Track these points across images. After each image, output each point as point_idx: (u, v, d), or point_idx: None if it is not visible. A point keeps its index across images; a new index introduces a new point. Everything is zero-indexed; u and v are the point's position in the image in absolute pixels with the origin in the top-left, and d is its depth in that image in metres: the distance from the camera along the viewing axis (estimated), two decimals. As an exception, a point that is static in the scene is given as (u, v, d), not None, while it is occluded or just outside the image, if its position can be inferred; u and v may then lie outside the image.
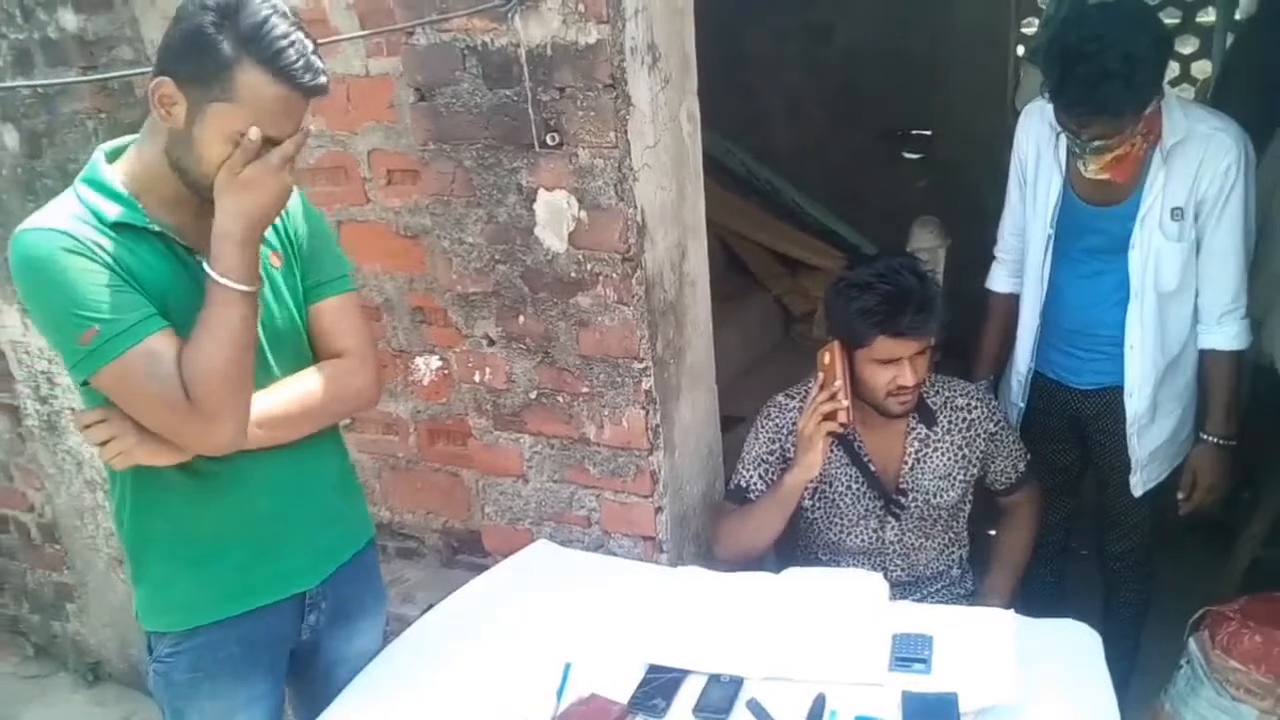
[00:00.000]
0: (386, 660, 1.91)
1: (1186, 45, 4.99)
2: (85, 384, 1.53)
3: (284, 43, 1.45)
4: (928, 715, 1.58)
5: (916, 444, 2.20)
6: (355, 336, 1.76)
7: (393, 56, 2.23)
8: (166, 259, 1.55)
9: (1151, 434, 2.38)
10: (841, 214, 4.61)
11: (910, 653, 1.73)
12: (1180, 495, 2.41)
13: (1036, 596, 2.48)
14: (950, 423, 2.22)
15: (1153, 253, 2.23)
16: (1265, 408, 3.01)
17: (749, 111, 4.79)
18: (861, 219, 4.56)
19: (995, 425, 2.26)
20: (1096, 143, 2.08)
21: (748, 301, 4.23)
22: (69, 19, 2.55)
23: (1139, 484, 2.42)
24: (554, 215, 2.03)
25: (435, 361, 2.54)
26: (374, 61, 2.29)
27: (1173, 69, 5.01)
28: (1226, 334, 2.27)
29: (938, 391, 2.23)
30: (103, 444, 1.55)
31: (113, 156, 1.59)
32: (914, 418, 2.20)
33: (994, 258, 2.60)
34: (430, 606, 2.10)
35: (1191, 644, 2.28)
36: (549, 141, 1.96)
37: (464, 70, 1.99)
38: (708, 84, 2.20)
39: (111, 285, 1.46)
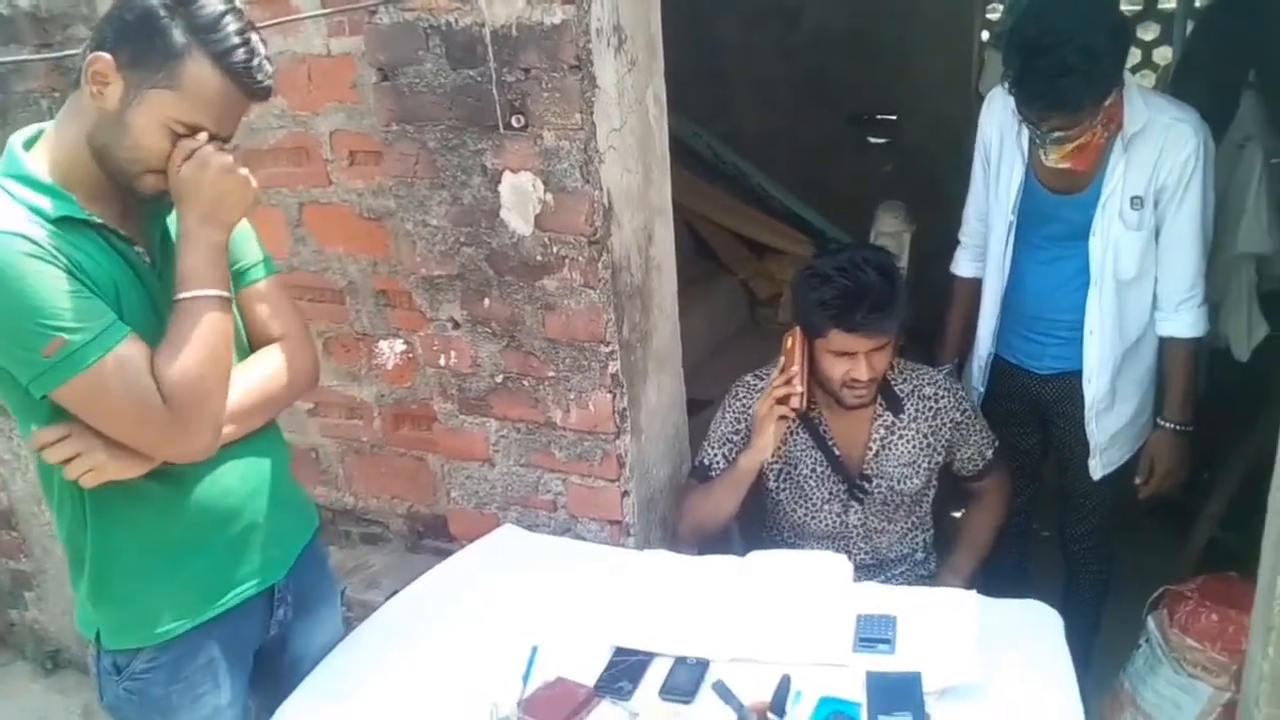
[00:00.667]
0: (351, 646, 1.90)
1: (1148, 31, 5.04)
2: (43, 398, 1.43)
3: (237, 40, 1.43)
4: (892, 695, 1.59)
5: (882, 430, 2.22)
6: (290, 319, 1.74)
7: (355, 36, 2.19)
8: (108, 252, 1.49)
9: (1110, 419, 2.41)
10: (808, 198, 4.62)
11: (874, 633, 1.74)
12: (1138, 480, 2.44)
13: (999, 577, 2.50)
14: (917, 410, 2.23)
15: (1112, 240, 2.25)
16: (1221, 390, 3.06)
17: (716, 95, 4.79)
18: (827, 203, 4.58)
19: (962, 414, 2.27)
20: (1057, 134, 2.10)
21: (714, 285, 4.23)
22: (22, -5, 2.49)
23: (1097, 467, 2.44)
24: (519, 198, 2.01)
25: (399, 345, 2.52)
26: (335, 41, 2.26)
27: (1134, 55, 5.05)
28: (1184, 321, 2.30)
29: (906, 379, 2.24)
30: (67, 461, 1.48)
31: (29, 144, 1.51)
32: (880, 405, 2.21)
33: (958, 242, 2.62)
34: (395, 592, 2.09)
35: (1150, 623, 2.31)
36: (514, 123, 1.94)
37: (427, 50, 1.97)
38: (675, 67, 2.19)
39: (73, 290, 1.39)
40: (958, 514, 2.45)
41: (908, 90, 4.61)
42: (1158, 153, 2.18)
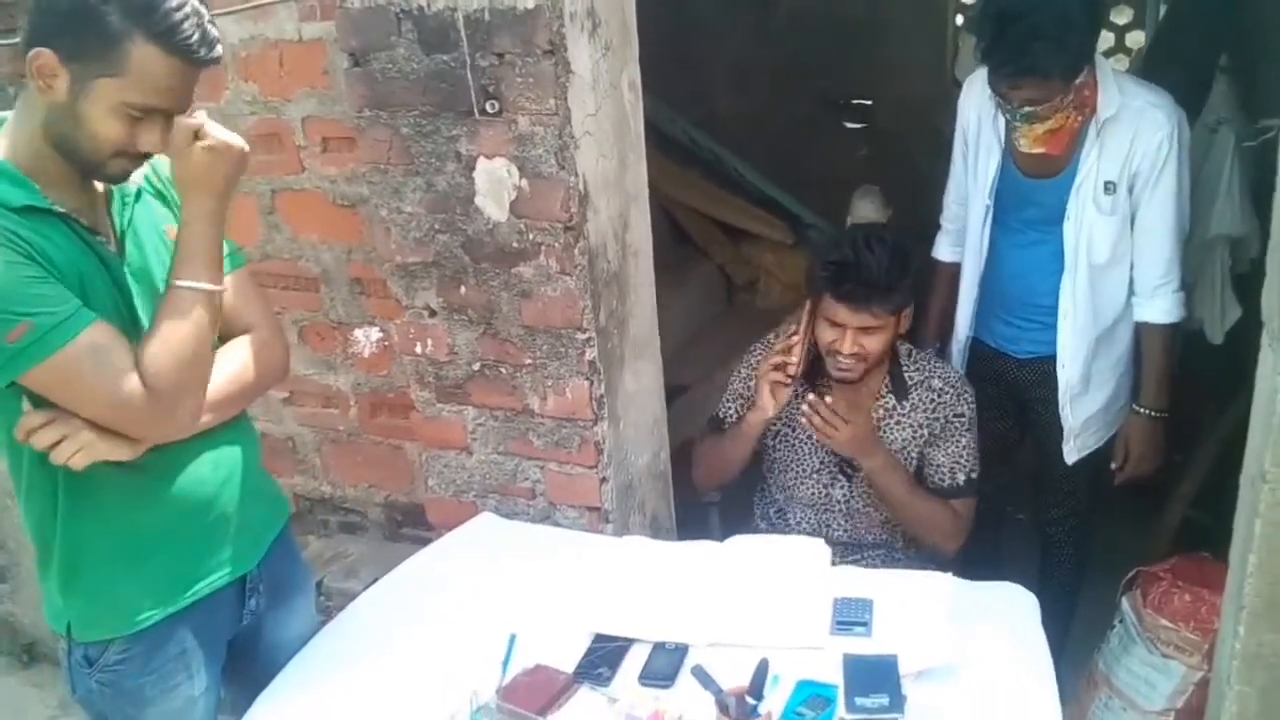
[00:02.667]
0: (329, 635, 1.89)
1: (1121, 15, 5.06)
2: (11, 385, 1.42)
3: (179, 15, 1.38)
4: (868, 677, 1.60)
5: (881, 412, 2.23)
6: (260, 310, 1.73)
7: (326, 20, 2.17)
8: (72, 241, 1.47)
9: (1085, 403, 2.42)
10: (784, 183, 4.62)
11: (851, 616, 1.75)
12: (1114, 465, 2.46)
13: (975, 560, 2.52)
14: (920, 400, 2.23)
15: (1086, 225, 2.26)
16: (1194, 372, 3.08)
17: (691, 80, 4.77)
18: (803, 188, 4.58)
19: (956, 415, 2.24)
20: (1027, 109, 2.10)
21: (691, 271, 4.22)
22: (-14, -21, 2.46)
23: (1072, 451, 2.46)
24: (494, 184, 2.00)
25: (375, 333, 2.50)
26: (307, 26, 2.24)
27: (1108, 39, 5.08)
28: (1159, 307, 2.31)
29: (919, 369, 2.25)
30: (54, 445, 1.46)
31: None
32: (886, 387, 2.23)
33: (939, 226, 2.63)
34: (374, 581, 2.08)
35: (1124, 604, 2.34)
36: (488, 109, 1.93)
37: (399, 35, 1.95)
38: (650, 52, 2.18)
39: (37, 277, 1.37)
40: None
41: (883, 75, 4.62)
42: (1131, 138, 2.18)
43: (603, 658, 1.72)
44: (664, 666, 1.69)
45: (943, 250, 2.62)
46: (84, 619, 1.62)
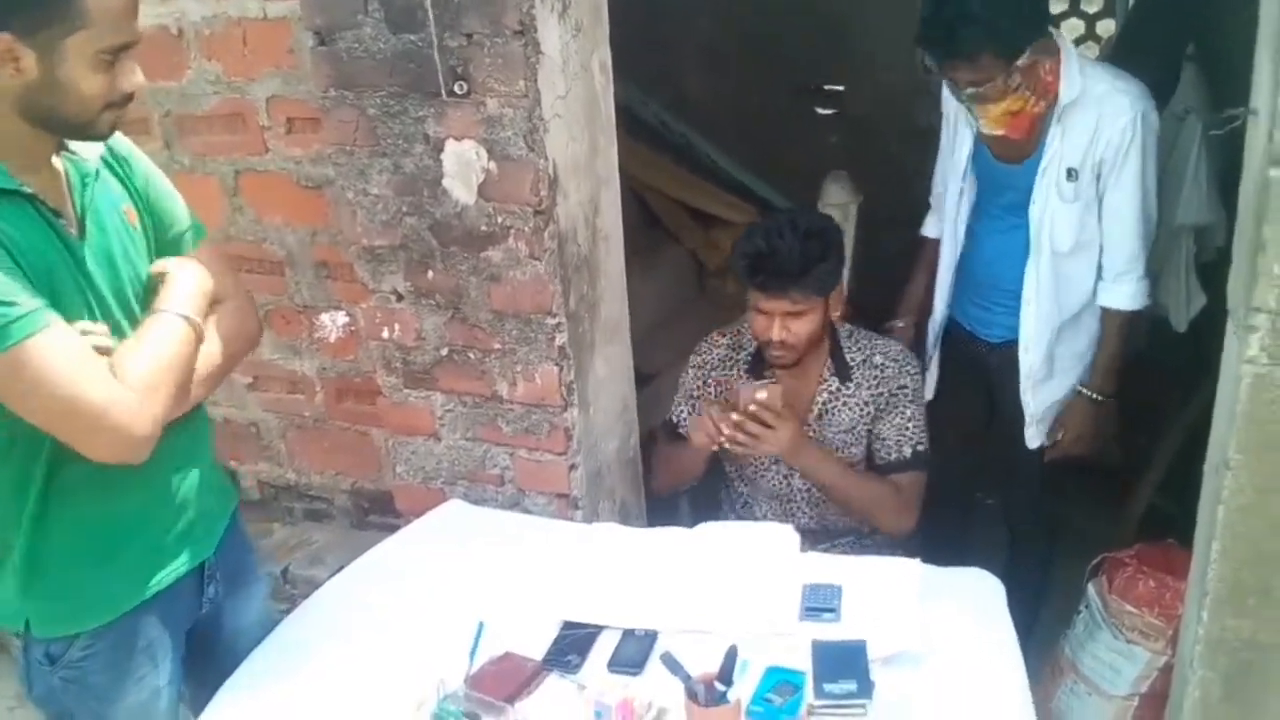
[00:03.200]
0: (294, 623, 1.87)
1: (1091, 4, 5.07)
2: None
3: None
4: (837, 663, 1.60)
5: (825, 395, 2.23)
6: (230, 280, 1.71)
7: (291, -1, 2.14)
8: (38, 224, 1.43)
9: (1047, 390, 2.43)
10: (755, 168, 4.61)
11: (820, 602, 1.76)
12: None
13: (943, 545, 2.53)
14: (864, 378, 2.24)
15: (1049, 212, 2.27)
16: (1159, 359, 3.11)
17: (663, 63, 4.74)
18: (775, 174, 4.57)
19: (900, 387, 2.23)
20: (970, 90, 2.12)
21: (661, 256, 4.21)
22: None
23: (1034, 436, 2.47)
24: (462, 166, 1.97)
25: (341, 318, 2.47)
26: (271, 4, 2.19)
27: (1078, 28, 5.10)
28: (1122, 293, 2.31)
29: (860, 349, 2.25)
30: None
31: None
32: (828, 370, 2.23)
33: (920, 208, 2.64)
34: (340, 569, 2.06)
35: (1090, 589, 2.36)
36: (456, 90, 1.90)
37: (366, 14, 1.91)
38: (621, 34, 2.16)
39: (7, 268, 1.33)
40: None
41: (855, 61, 4.61)
42: (1095, 124, 2.18)
43: (571, 645, 1.71)
44: (633, 653, 1.68)
45: (930, 227, 2.64)
46: (45, 616, 1.58)
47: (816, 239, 2.08)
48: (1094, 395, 2.39)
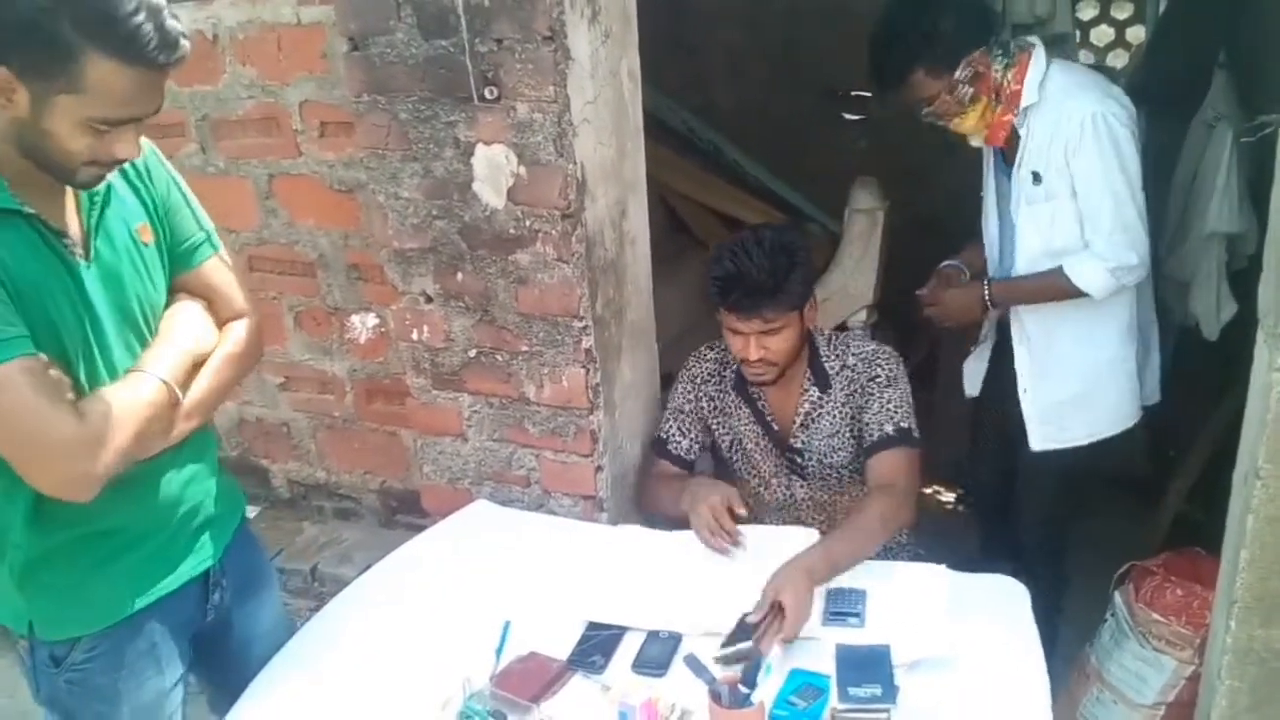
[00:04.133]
0: (323, 621, 1.89)
1: (1121, 11, 5.04)
2: None
3: (134, 22, 1.28)
4: (861, 668, 1.61)
5: (807, 405, 2.22)
6: (241, 293, 1.71)
7: (325, 4, 2.16)
8: (35, 245, 1.42)
9: (1044, 391, 2.41)
10: (782, 174, 4.61)
11: (844, 607, 1.76)
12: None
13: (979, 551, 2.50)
14: (843, 382, 2.21)
15: (1020, 214, 2.30)
16: (1189, 368, 3.09)
17: (691, 69, 4.76)
18: (802, 179, 4.56)
19: (871, 378, 2.18)
20: (924, 111, 2.25)
21: (688, 260, 4.20)
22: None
23: (1036, 438, 2.44)
24: (492, 170, 1.99)
25: (372, 319, 2.50)
26: (305, 9, 2.23)
27: (1108, 34, 5.07)
28: (1082, 268, 2.23)
29: (838, 355, 2.22)
30: None
31: None
32: (808, 380, 2.21)
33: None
34: (368, 567, 2.08)
35: (1116, 598, 2.34)
36: (487, 95, 1.92)
37: (398, 19, 1.94)
38: (649, 40, 2.18)
39: None
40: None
41: (883, 66, 4.59)
42: (1052, 128, 2.20)
43: (596, 646, 1.72)
44: (658, 655, 1.69)
45: None
46: (49, 619, 1.59)
47: (783, 253, 2.04)
48: (985, 286, 2.37)
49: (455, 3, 1.87)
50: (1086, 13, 4.98)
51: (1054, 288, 2.28)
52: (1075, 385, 2.40)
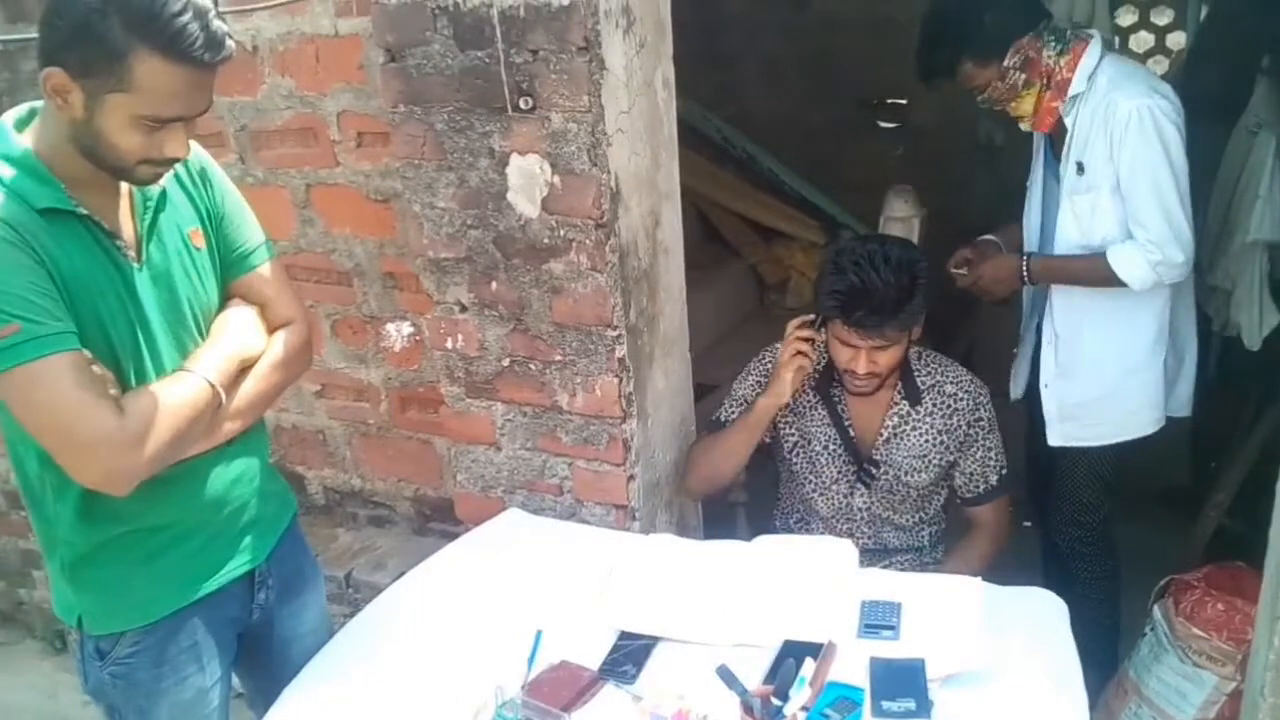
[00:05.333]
0: (357, 628, 1.90)
1: (1162, 16, 4.99)
2: None
3: (181, 21, 1.32)
4: (895, 681, 1.59)
5: (896, 419, 2.20)
6: (294, 301, 1.74)
7: (363, 16, 2.19)
8: (88, 246, 1.46)
9: (1063, 389, 2.41)
10: (817, 182, 4.60)
11: (878, 619, 1.74)
12: (955, 266, 2.47)
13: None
14: (934, 405, 2.20)
15: (1062, 203, 2.31)
16: (1231, 378, 3.04)
17: (725, 78, 4.77)
18: (837, 188, 4.56)
19: (976, 420, 2.20)
20: (979, 96, 2.31)
21: (722, 269, 4.22)
22: (30, -26, 2.49)
23: (1055, 435, 2.44)
24: (527, 180, 2.00)
25: (407, 328, 2.52)
26: (343, 21, 2.25)
27: (1148, 40, 5.01)
28: (1125, 257, 2.22)
29: (930, 373, 2.22)
30: None
31: (21, 124, 1.47)
32: (899, 393, 2.20)
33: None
34: (401, 574, 2.09)
35: (1156, 612, 2.31)
36: (522, 105, 1.93)
37: (435, 31, 1.96)
38: (683, 50, 2.18)
39: (42, 287, 1.37)
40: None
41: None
42: (1097, 120, 2.21)
43: (628, 655, 1.72)
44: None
45: None
46: (96, 612, 1.63)
47: (908, 271, 2.02)
48: (1024, 264, 2.36)
49: (491, 14, 1.88)
50: (1126, 19, 4.93)
51: (1094, 273, 2.27)
52: (1095, 387, 2.39)
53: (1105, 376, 2.38)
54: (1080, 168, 2.25)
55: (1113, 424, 2.42)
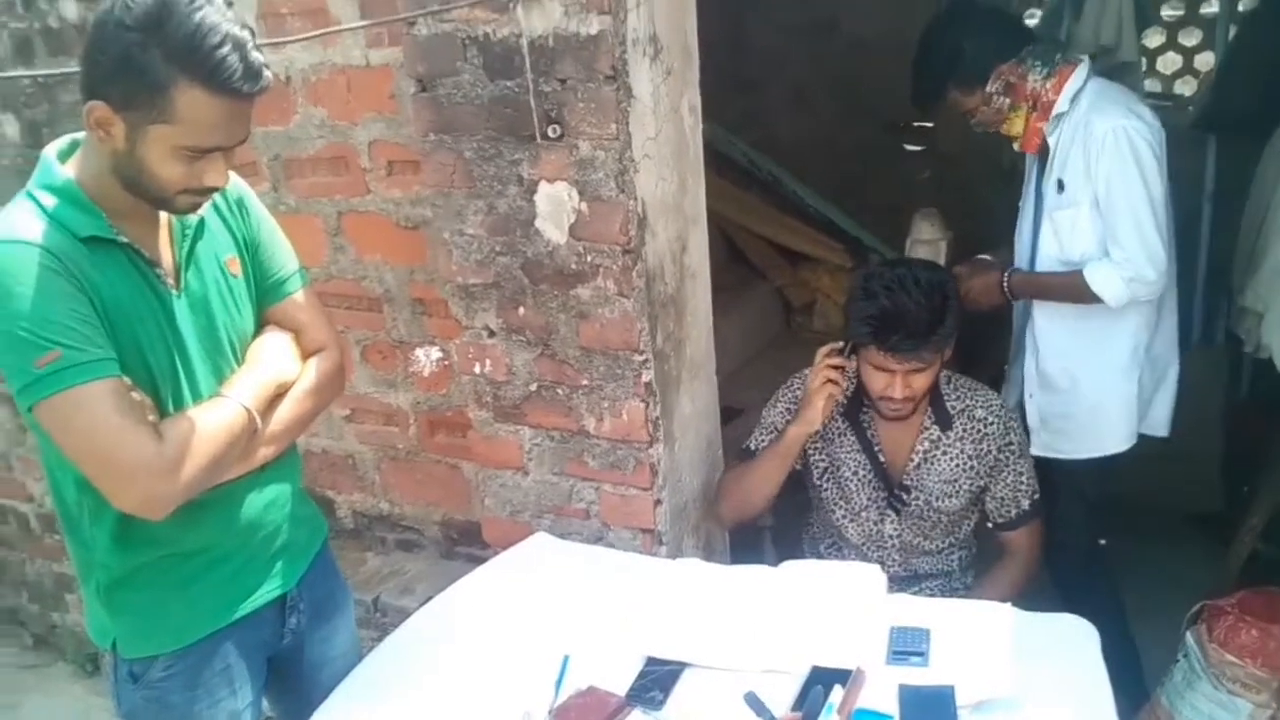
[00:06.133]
0: (385, 651, 1.91)
1: (1190, 38, 4.98)
2: (29, 411, 1.41)
3: (221, 54, 1.35)
4: (925, 708, 1.58)
5: (927, 444, 2.20)
6: (327, 327, 1.77)
7: (394, 47, 2.22)
8: (129, 274, 1.49)
9: (1046, 400, 2.47)
10: (844, 206, 4.61)
11: (907, 646, 1.73)
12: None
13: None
14: (965, 430, 2.20)
15: (1043, 220, 2.38)
16: (1263, 401, 3.01)
17: (751, 104, 4.79)
18: (864, 211, 4.56)
19: (1007, 445, 2.20)
20: (971, 120, 2.42)
21: (748, 293, 4.22)
22: (70, 8, 2.55)
23: (1037, 444, 2.47)
24: (555, 207, 2.02)
25: (435, 353, 2.54)
26: (374, 52, 2.29)
27: (1175, 61, 5.00)
28: (1101, 273, 2.27)
29: (960, 397, 2.22)
30: None
31: (64, 155, 1.51)
32: (929, 418, 2.19)
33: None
34: (429, 598, 2.10)
35: (1189, 638, 2.28)
36: (550, 133, 1.96)
37: (465, 61, 1.98)
38: (710, 76, 2.20)
39: (83, 314, 1.40)
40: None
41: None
42: (1075, 140, 2.29)
43: (655, 681, 1.72)
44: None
45: None
46: (130, 635, 1.64)
47: (939, 293, 2.03)
48: (1005, 276, 2.43)
49: (520, 44, 1.91)
50: (1153, 40, 4.92)
51: (1071, 288, 2.33)
52: (1072, 401, 2.44)
53: (1081, 392, 2.44)
54: (1060, 185, 2.33)
55: (1087, 439, 2.46)
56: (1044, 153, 2.39)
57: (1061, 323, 2.42)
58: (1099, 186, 2.25)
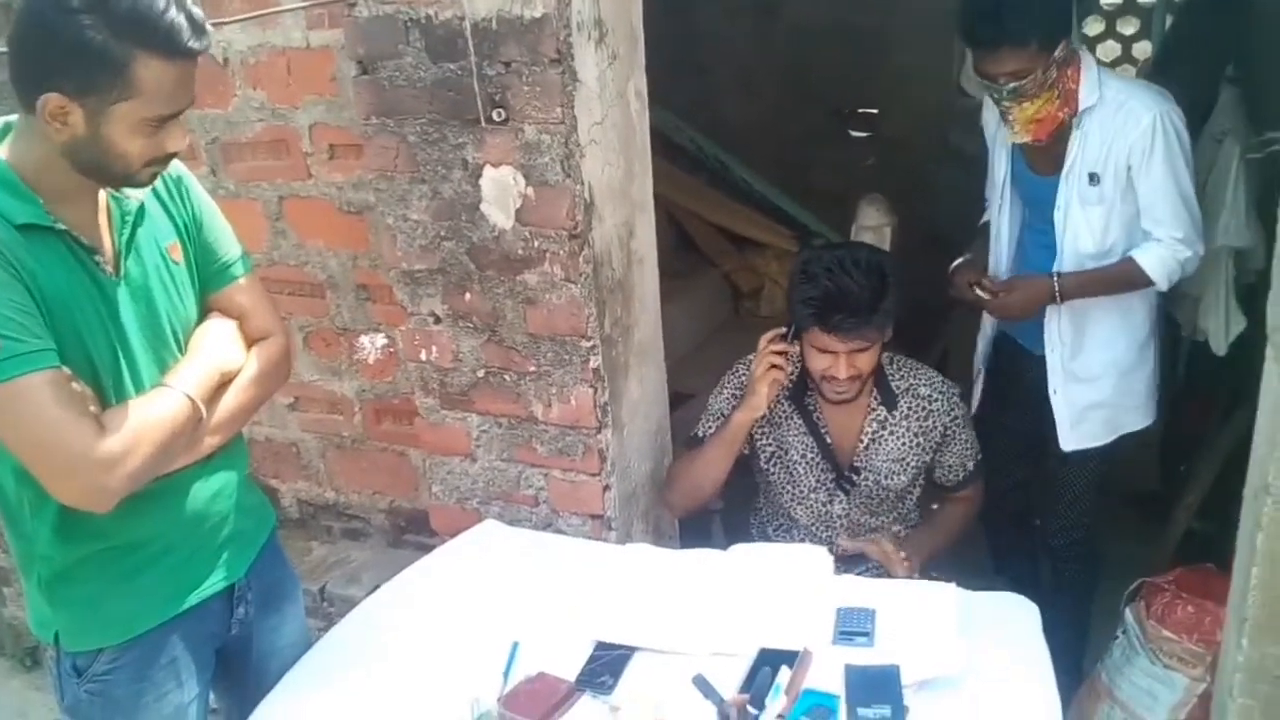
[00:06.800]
0: (331, 641, 1.89)
1: (1128, 26, 5.06)
2: None
3: (169, 17, 1.34)
4: (870, 687, 1.60)
5: (874, 425, 2.22)
6: (272, 313, 1.74)
7: (334, 29, 2.18)
8: (67, 261, 1.45)
9: (1075, 393, 2.44)
10: (790, 192, 4.63)
11: (853, 626, 1.75)
12: (982, 281, 2.44)
13: (987, 567, 2.51)
14: (910, 408, 2.23)
15: (1072, 216, 2.31)
16: (1199, 382, 3.08)
17: (698, 89, 4.78)
18: (810, 197, 4.58)
19: (952, 420, 2.25)
20: (1012, 85, 2.17)
21: (696, 279, 4.23)
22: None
23: (1069, 439, 2.47)
24: (500, 192, 2.01)
25: (381, 340, 2.51)
26: (315, 34, 2.25)
27: (1114, 50, 5.08)
28: (1151, 251, 2.27)
29: (903, 377, 2.25)
30: None
31: None
32: (875, 399, 2.22)
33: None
34: (376, 587, 2.08)
35: (1127, 615, 2.33)
36: (495, 117, 1.94)
37: (407, 44, 1.96)
38: (656, 60, 2.19)
39: (21, 304, 1.36)
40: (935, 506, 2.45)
41: (889, 84, 4.62)
42: (1115, 128, 2.23)
43: (605, 666, 1.72)
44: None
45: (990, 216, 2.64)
46: (73, 629, 1.61)
47: (878, 273, 2.05)
48: (1055, 284, 2.34)
49: (463, 27, 1.89)
50: (1093, 28, 4.99)
51: (1122, 278, 2.32)
52: (1106, 386, 2.44)
53: (1108, 377, 2.44)
54: (1093, 178, 2.26)
55: (1116, 421, 2.47)
56: (1047, 146, 2.30)
57: (1086, 312, 2.38)
58: (1144, 176, 2.22)
